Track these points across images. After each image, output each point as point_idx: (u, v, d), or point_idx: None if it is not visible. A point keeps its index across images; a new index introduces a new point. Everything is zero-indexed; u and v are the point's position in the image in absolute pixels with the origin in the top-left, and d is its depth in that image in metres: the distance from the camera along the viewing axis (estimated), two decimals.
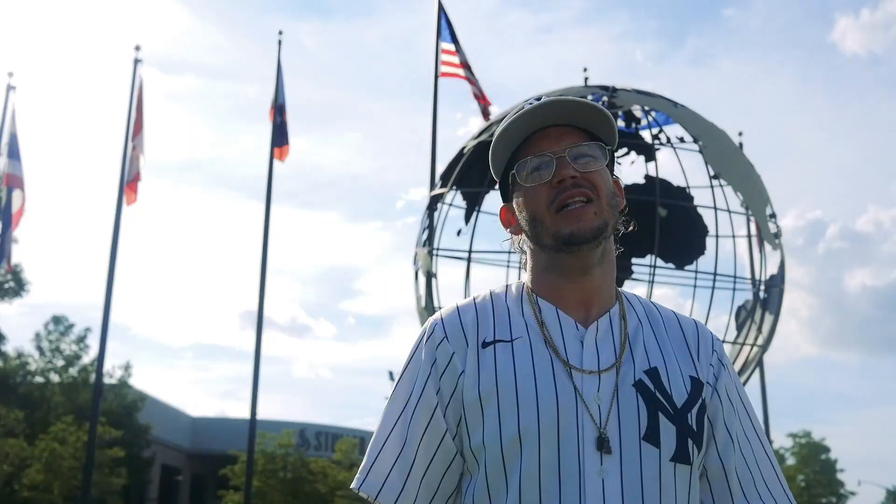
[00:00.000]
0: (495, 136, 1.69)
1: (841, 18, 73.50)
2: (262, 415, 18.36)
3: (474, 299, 1.71)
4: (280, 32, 17.40)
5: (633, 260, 11.95)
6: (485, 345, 1.62)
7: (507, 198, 1.75)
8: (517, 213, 1.70)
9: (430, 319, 1.70)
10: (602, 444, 1.52)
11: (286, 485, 29.88)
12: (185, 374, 67.80)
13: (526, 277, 1.74)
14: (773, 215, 10.19)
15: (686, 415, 1.59)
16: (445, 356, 1.63)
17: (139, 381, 41.23)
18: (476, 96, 14.32)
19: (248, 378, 15.04)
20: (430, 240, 10.60)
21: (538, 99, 1.67)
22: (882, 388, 76.73)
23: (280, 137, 16.87)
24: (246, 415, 15.34)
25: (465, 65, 14.22)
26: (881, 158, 75.62)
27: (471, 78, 14.25)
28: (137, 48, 16.36)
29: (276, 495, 29.56)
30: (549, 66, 77.45)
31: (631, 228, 1.74)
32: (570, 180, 1.61)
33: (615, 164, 1.76)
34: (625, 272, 11.96)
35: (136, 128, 15.58)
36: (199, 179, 70.60)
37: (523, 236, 1.71)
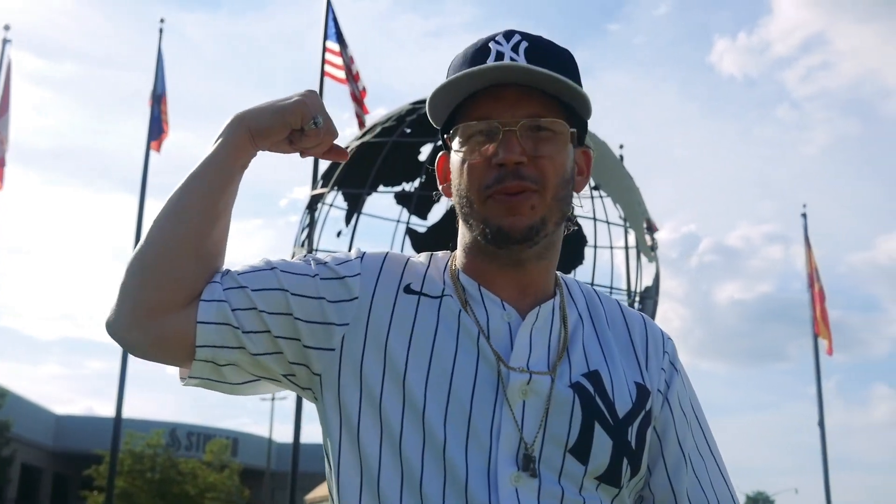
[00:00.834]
0: (447, 76, 1.40)
1: (720, 41, 76.13)
2: (131, 413, 17.79)
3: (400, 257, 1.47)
4: (162, 20, 16.86)
5: None
6: (408, 290, 1.40)
7: (447, 147, 1.46)
8: (452, 174, 1.43)
9: (351, 253, 1.46)
10: (527, 464, 1.29)
11: (153, 486, 29.11)
12: (52, 369, 65.41)
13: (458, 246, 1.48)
14: (649, 228, 10.37)
15: (627, 428, 1.36)
16: (348, 271, 1.39)
17: (2, 377, 39.54)
18: (356, 101, 13.98)
19: (118, 375, 14.51)
20: (308, 240, 10.42)
21: (508, 37, 1.39)
22: (745, 398, 79.86)
23: (157, 128, 16.36)
24: (114, 413, 14.81)
25: (347, 69, 13.92)
26: (753, 178, 78.73)
27: (354, 90, 13.94)
28: (7, 28, 15.68)
29: (143, 496, 28.76)
30: (438, 70, 77.78)
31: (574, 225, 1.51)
32: (512, 165, 1.32)
33: (585, 138, 1.46)
34: None
35: (0, 110, 14.84)
36: (73, 169, 68.25)
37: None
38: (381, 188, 11.00)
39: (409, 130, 10.38)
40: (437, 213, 11.94)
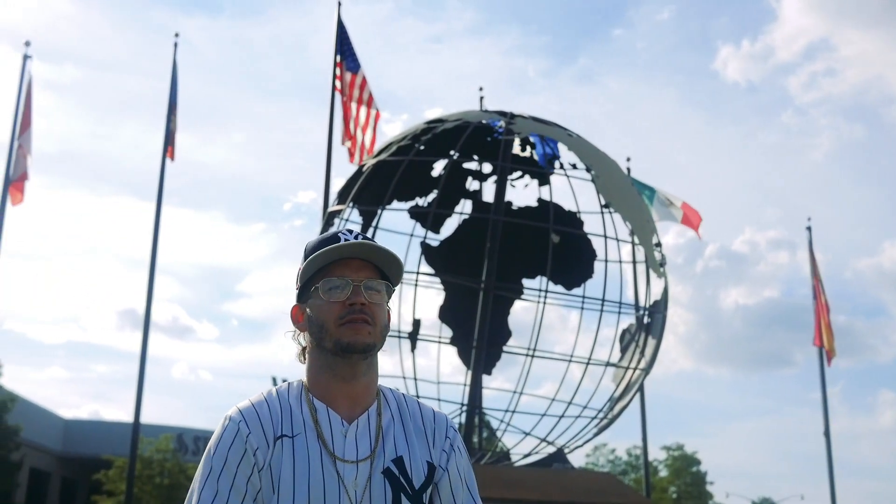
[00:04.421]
0: (311, 252, 2.09)
1: (723, 47, 76.14)
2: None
3: (264, 397, 2.09)
4: (176, 35, 17.07)
5: (524, 281, 12.24)
6: (276, 439, 2.02)
7: (301, 299, 2.14)
8: (308, 315, 2.10)
9: (231, 416, 2.05)
10: None
11: (162, 491, 29.32)
12: (57, 373, 65.57)
13: (304, 375, 2.13)
14: (658, 244, 10.60)
15: (422, 494, 2.05)
16: (251, 450, 2.00)
17: (9, 381, 39.72)
18: (349, 136, 14.11)
19: (124, 379, 14.78)
20: None
21: (350, 231, 2.13)
22: (750, 403, 79.75)
23: (171, 138, 16.60)
24: (122, 417, 15.03)
25: (348, 95, 14.12)
26: (757, 183, 78.68)
27: (350, 127, 14.12)
28: (28, 44, 15.88)
29: (153, 501, 28.97)
30: (439, 75, 77.86)
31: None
32: (359, 305, 2.04)
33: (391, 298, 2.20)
34: (515, 293, 12.24)
35: (23, 125, 15.12)
36: (76, 173, 68.42)
37: (306, 334, 2.11)
38: (395, 204, 11.25)
39: (422, 148, 10.63)
40: (449, 227, 12.19)
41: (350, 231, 2.13)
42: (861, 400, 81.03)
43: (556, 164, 11.12)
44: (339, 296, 2.05)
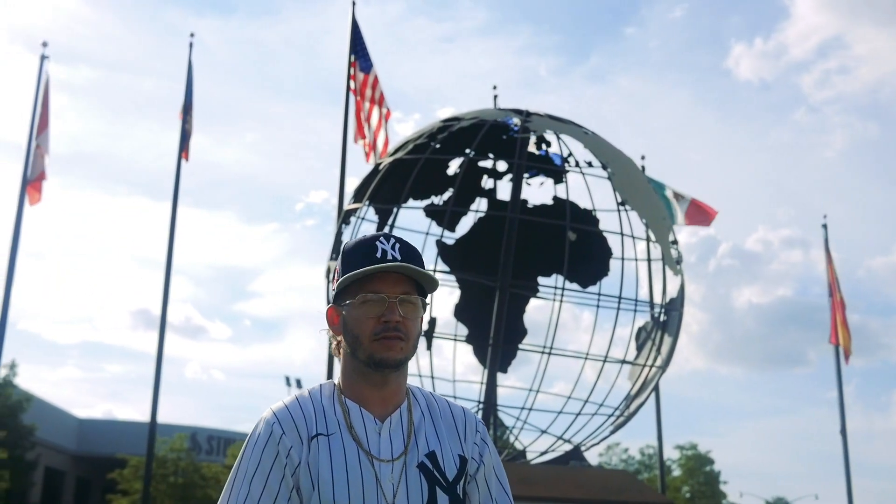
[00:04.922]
0: (348, 256, 2.11)
1: (736, 45, 75.88)
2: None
3: (297, 398, 2.14)
4: (192, 35, 17.17)
5: (540, 279, 12.25)
6: (311, 438, 2.07)
7: (336, 302, 2.15)
8: (343, 320, 2.13)
9: (266, 418, 2.10)
10: None
11: (177, 490, 29.41)
12: (71, 372, 65.82)
13: (337, 375, 2.20)
14: (674, 242, 10.60)
15: (456, 486, 2.12)
16: (284, 450, 2.05)
17: (24, 381, 39.85)
18: (362, 134, 14.25)
19: (138, 379, 14.83)
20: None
21: (387, 239, 2.13)
22: (763, 402, 79.54)
23: (186, 139, 16.70)
24: (135, 417, 15.11)
25: (361, 95, 14.22)
26: (770, 181, 78.37)
27: (364, 128, 14.22)
28: (45, 45, 16.02)
29: (167, 501, 29.06)
30: (451, 75, 77.80)
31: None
32: (393, 322, 2.07)
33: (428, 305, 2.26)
34: (531, 291, 12.26)
35: (40, 126, 15.22)
36: (90, 173, 68.66)
37: (342, 337, 2.14)
38: (411, 202, 11.28)
39: (438, 147, 10.65)
40: (465, 225, 12.21)
41: (387, 238, 2.14)
42: (875, 399, 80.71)
43: (572, 162, 11.13)
44: (374, 311, 2.07)
